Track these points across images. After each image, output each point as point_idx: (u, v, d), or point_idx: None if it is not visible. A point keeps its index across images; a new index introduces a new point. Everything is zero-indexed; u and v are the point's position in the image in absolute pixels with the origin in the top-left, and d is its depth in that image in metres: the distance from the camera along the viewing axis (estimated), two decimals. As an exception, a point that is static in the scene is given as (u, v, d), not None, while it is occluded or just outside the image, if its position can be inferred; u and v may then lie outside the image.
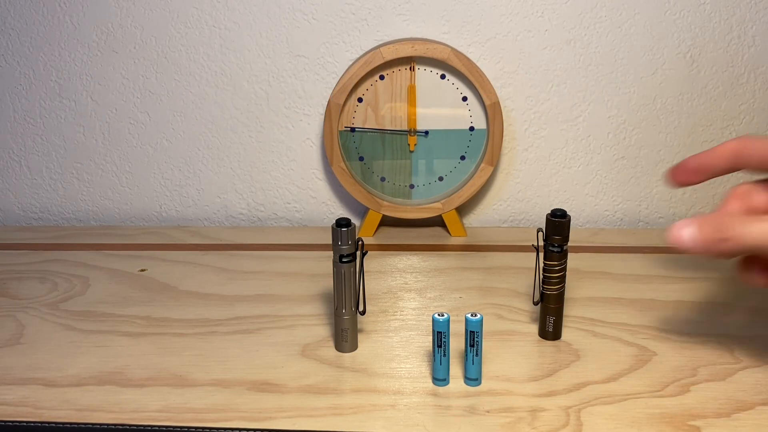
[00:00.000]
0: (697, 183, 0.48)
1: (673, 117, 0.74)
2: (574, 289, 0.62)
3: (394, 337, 0.55)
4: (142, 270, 0.66)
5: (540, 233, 0.52)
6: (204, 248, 0.71)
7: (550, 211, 0.51)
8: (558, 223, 0.51)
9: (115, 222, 0.80)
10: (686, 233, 0.42)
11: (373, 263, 0.67)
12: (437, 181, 0.73)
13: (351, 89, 0.68)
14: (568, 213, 0.51)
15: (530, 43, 0.71)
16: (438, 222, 0.76)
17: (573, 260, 0.62)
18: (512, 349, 0.53)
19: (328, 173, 0.77)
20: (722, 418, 0.45)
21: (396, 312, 0.59)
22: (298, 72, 0.73)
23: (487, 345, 0.53)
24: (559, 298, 0.53)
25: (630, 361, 0.52)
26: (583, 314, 0.58)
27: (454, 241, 0.73)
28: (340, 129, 0.70)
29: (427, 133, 0.71)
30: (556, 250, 0.51)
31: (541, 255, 0.53)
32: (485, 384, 0.49)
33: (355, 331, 0.53)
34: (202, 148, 0.77)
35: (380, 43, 0.71)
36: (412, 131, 0.71)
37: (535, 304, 0.54)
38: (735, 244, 0.41)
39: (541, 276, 0.53)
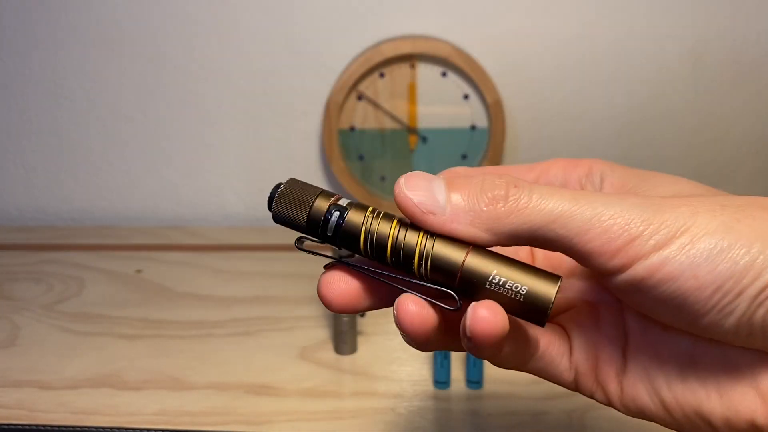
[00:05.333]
0: None
1: (677, 115, 0.73)
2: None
3: (394, 339, 0.54)
4: (138, 271, 0.65)
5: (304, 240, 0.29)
6: (201, 249, 0.70)
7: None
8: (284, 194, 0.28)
9: (110, 222, 0.79)
10: (437, 193, 0.25)
11: (372, 264, 0.66)
12: (438, 180, 0.72)
13: (350, 87, 0.68)
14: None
15: (533, 40, 0.71)
16: (438, 222, 0.75)
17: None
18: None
19: (327, 173, 0.76)
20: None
21: (396, 313, 0.58)
22: (297, 69, 0.72)
23: (488, 347, 0.52)
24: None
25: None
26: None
27: (455, 241, 0.72)
28: (339, 128, 0.70)
29: (425, 139, 0.70)
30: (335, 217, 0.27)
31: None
32: (487, 387, 0.48)
33: (354, 333, 0.53)
34: (199, 146, 0.76)
35: (380, 40, 0.70)
36: (413, 130, 0.70)
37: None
38: (525, 214, 0.24)
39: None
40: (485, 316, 0.24)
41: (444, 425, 0.45)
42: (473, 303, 0.25)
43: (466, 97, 0.69)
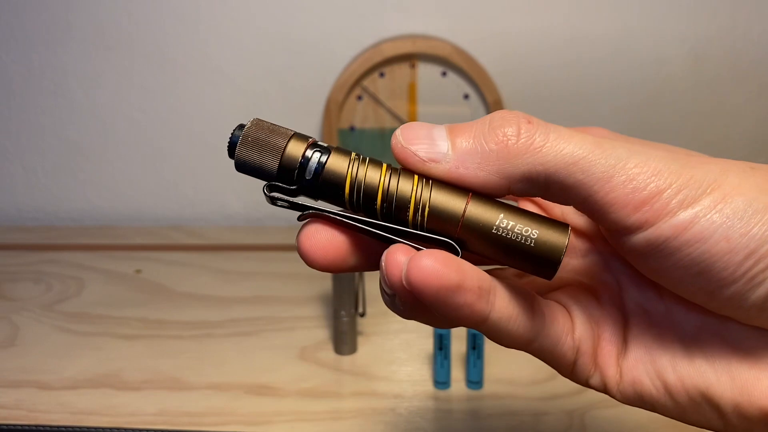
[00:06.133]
0: None
1: (678, 115, 0.73)
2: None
3: (394, 340, 0.54)
4: (138, 271, 0.65)
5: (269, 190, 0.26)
6: (201, 249, 0.70)
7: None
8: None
9: (110, 222, 0.79)
10: (438, 139, 0.23)
11: (372, 264, 0.66)
12: (437, 180, 0.72)
13: (350, 87, 0.68)
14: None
15: (533, 40, 0.71)
16: (438, 222, 0.75)
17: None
18: (515, 352, 0.52)
19: (327, 172, 0.76)
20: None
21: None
22: (297, 69, 0.72)
23: (489, 347, 0.52)
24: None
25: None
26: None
27: (455, 241, 0.72)
28: (339, 127, 0.70)
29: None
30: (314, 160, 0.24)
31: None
32: (487, 387, 0.48)
33: (354, 333, 0.53)
34: (198, 146, 0.76)
35: (380, 39, 0.70)
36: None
37: None
38: (541, 154, 0.22)
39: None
40: (427, 264, 0.21)
41: (444, 425, 0.45)
42: (418, 252, 0.22)
43: (466, 96, 0.69)
